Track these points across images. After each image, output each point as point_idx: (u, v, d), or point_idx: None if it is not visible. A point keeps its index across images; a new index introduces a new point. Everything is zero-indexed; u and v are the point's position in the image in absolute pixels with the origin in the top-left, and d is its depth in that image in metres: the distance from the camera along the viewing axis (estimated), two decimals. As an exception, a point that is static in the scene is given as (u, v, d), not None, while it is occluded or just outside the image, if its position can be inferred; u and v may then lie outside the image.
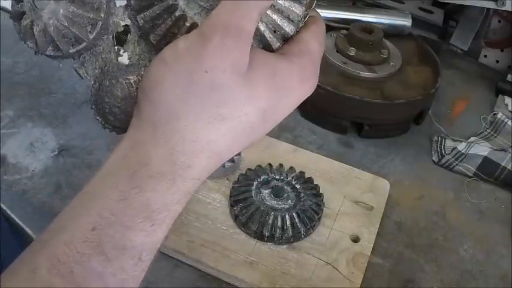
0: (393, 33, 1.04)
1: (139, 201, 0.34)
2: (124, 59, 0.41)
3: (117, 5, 0.40)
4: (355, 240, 0.71)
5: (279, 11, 0.38)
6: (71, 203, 0.37)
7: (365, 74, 0.93)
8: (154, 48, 0.40)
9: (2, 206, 0.74)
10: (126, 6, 0.40)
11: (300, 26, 0.40)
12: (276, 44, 0.39)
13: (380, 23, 1.03)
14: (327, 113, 0.91)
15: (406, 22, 1.06)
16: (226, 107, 0.35)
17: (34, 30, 0.39)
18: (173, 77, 0.35)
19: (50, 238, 0.35)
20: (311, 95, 0.40)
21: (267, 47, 0.39)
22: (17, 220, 0.73)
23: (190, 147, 0.35)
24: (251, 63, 0.36)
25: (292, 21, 0.39)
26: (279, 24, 0.39)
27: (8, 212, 0.74)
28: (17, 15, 0.40)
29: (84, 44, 0.40)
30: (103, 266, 0.34)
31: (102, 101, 0.42)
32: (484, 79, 1.11)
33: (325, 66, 0.93)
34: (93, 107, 0.42)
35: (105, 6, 0.40)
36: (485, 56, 1.17)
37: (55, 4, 0.39)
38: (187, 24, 0.38)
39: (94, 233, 0.34)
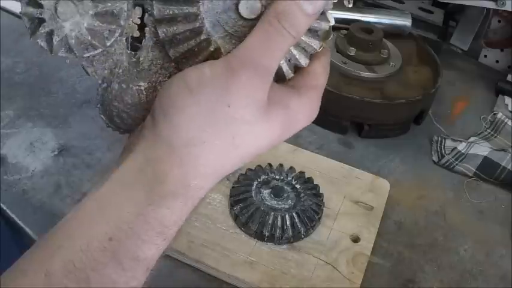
0: (393, 33, 1.04)
1: (155, 218, 0.36)
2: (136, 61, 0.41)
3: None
4: (355, 240, 0.71)
5: (298, 45, 0.39)
6: (84, 206, 0.38)
7: (365, 74, 0.93)
8: (169, 59, 0.40)
9: (2, 206, 0.74)
10: (143, 9, 0.39)
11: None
12: (290, 75, 0.40)
13: (380, 23, 1.03)
14: (327, 113, 0.91)
15: (406, 22, 1.06)
16: (242, 139, 0.37)
17: (53, 40, 0.38)
18: (196, 107, 0.36)
19: (63, 243, 0.36)
20: None
21: (281, 78, 0.40)
22: (17, 220, 0.73)
23: (203, 171, 0.37)
24: (268, 98, 0.37)
25: (307, 53, 0.40)
26: (296, 58, 0.39)
27: (8, 212, 0.74)
28: (34, 21, 0.38)
29: (99, 50, 0.39)
30: (118, 275, 0.36)
31: (109, 103, 0.41)
32: (484, 79, 1.11)
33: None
34: (98, 106, 0.41)
35: (125, 14, 0.39)
36: (485, 56, 1.18)
37: (79, 17, 0.38)
38: (211, 48, 0.39)
39: (111, 243, 0.36)
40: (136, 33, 0.40)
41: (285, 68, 0.40)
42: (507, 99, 1.04)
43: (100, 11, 0.38)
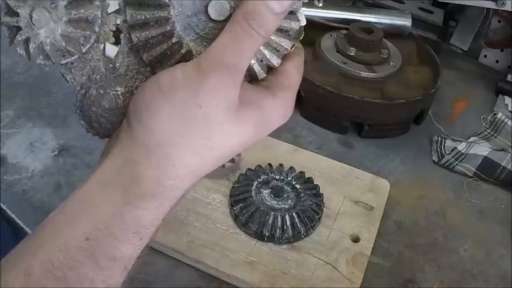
0: (393, 33, 1.04)
1: (132, 218, 0.37)
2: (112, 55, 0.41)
3: (109, 11, 0.40)
4: (355, 240, 0.71)
5: (269, 45, 0.39)
6: (64, 207, 0.39)
7: (365, 74, 0.93)
8: (145, 64, 0.41)
9: (2, 206, 0.74)
10: (118, 14, 0.40)
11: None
12: (262, 75, 0.40)
13: (380, 23, 1.03)
14: (327, 113, 0.91)
15: (406, 22, 1.06)
16: (215, 140, 0.38)
17: (30, 47, 0.39)
18: (169, 109, 0.37)
19: (44, 242, 0.37)
20: (311, 95, 0.42)
21: (253, 78, 0.41)
22: (17, 220, 0.73)
23: (179, 172, 0.38)
24: (240, 98, 0.38)
25: (279, 53, 0.40)
26: (268, 58, 0.40)
27: (8, 212, 0.74)
28: (13, 30, 0.39)
29: (75, 57, 0.40)
30: (95, 273, 0.37)
31: (88, 108, 0.42)
32: (484, 79, 1.11)
33: (325, 66, 0.93)
34: (78, 112, 0.43)
35: (100, 20, 0.39)
36: (485, 56, 1.18)
37: (53, 24, 0.38)
38: (183, 51, 0.39)
39: (88, 243, 0.36)
40: (112, 40, 0.41)
41: (257, 68, 0.40)
42: (507, 99, 1.04)
43: (73, 17, 0.38)
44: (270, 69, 0.41)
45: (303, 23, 0.40)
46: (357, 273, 0.67)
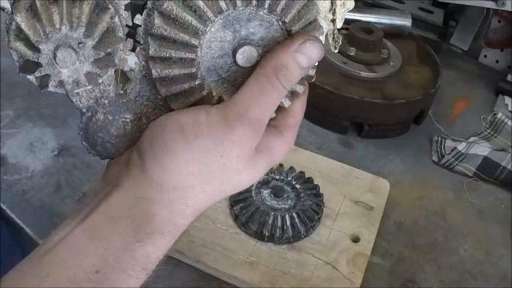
0: (393, 33, 1.04)
1: (141, 254, 0.38)
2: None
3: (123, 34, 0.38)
4: (355, 240, 0.71)
5: None
6: (72, 234, 0.38)
7: (365, 74, 0.93)
8: (156, 91, 0.40)
9: (2, 206, 0.74)
10: (135, 42, 0.39)
11: None
12: (272, 115, 0.40)
13: (380, 23, 1.03)
14: (327, 113, 0.91)
15: (406, 22, 1.06)
16: (229, 184, 0.39)
17: (49, 83, 0.37)
18: (190, 154, 0.37)
19: (51, 272, 0.36)
20: (311, 95, 0.44)
21: None
22: (17, 220, 0.73)
23: (189, 211, 0.39)
24: (256, 145, 0.39)
25: (291, 97, 0.41)
26: (282, 102, 0.40)
27: (8, 212, 0.74)
28: (27, 61, 0.37)
29: (90, 87, 0.39)
30: None
31: (94, 133, 0.41)
32: (484, 79, 1.11)
33: (325, 66, 0.93)
34: (81, 133, 0.41)
35: (121, 52, 0.38)
36: (485, 56, 1.18)
37: (79, 64, 0.36)
38: (204, 93, 0.39)
39: (97, 275, 0.36)
40: (128, 67, 0.39)
41: None
42: (507, 99, 1.04)
43: (99, 57, 0.37)
44: (278, 107, 0.41)
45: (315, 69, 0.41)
46: (357, 273, 0.67)
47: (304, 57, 0.37)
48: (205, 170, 0.38)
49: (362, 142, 0.92)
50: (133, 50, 0.39)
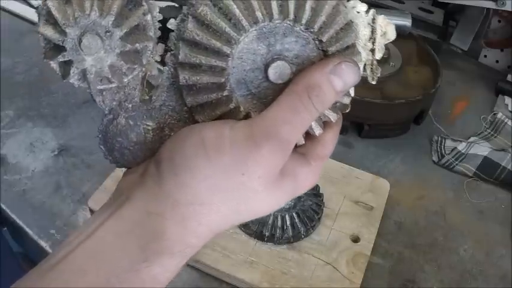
0: (393, 33, 1.03)
1: (148, 275, 0.35)
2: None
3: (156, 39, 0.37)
4: (355, 240, 0.71)
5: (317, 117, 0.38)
6: (75, 253, 0.36)
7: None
8: (182, 102, 0.38)
9: (2, 206, 0.74)
10: (165, 45, 0.38)
11: None
12: (301, 142, 0.39)
13: (380, 23, 1.03)
14: (327, 113, 0.91)
15: (406, 22, 1.06)
16: (247, 205, 0.36)
17: (71, 70, 0.36)
18: (210, 170, 0.35)
19: None
20: None
21: None
22: (17, 220, 0.73)
23: (202, 231, 0.36)
24: (280, 169, 0.37)
25: (323, 124, 0.39)
26: (312, 128, 0.38)
27: (8, 212, 0.74)
28: (52, 45, 0.36)
29: (114, 85, 0.37)
30: None
31: (113, 137, 0.39)
32: (484, 79, 1.11)
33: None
34: (100, 136, 0.39)
35: (149, 52, 0.37)
36: (485, 56, 1.17)
37: (104, 53, 0.35)
38: (231, 106, 0.37)
39: None
40: (156, 72, 0.38)
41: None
42: (507, 99, 1.04)
43: (125, 50, 0.36)
44: (307, 134, 0.39)
45: (352, 95, 0.39)
46: (357, 273, 0.67)
47: (339, 79, 0.36)
48: (224, 188, 0.35)
49: (362, 142, 0.92)
50: (163, 56, 0.38)
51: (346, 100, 0.39)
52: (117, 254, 0.35)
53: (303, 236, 0.70)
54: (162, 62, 0.38)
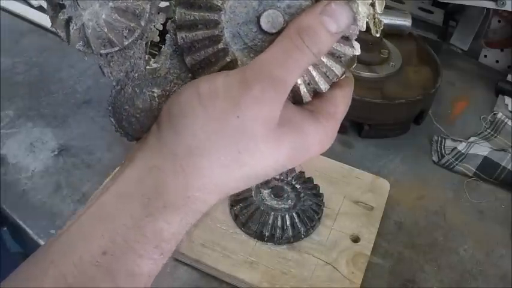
0: (393, 33, 1.04)
1: (152, 231, 0.35)
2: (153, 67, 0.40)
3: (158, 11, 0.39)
4: (355, 240, 0.71)
5: (319, 67, 0.38)
6: (79, 219, 0.36)
7: (365, 74, 0.93)
8: (186, 69, 0.39)
9: (2, 206, 0.74)
10: (167, 14, 0.39)
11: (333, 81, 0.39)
12: (307, 98, 0.39)
13: (380, 23, 1.03)
14: (327, 113, 0.91)
15: (406, 22, 1.06)
16: (248, 156, 0.35)
17: (70, 27, 0.37)
18: (205, 116, 0.35)
19: (57, 257, 0.35)
20: None
21: (298, 100, 0.39)
22: (17, 220, 0.73)
23: (205, 184, 0.35)
24: (281, 117, 0.35)
25: (328, 78, 0.39)
26: (316, 81, 0.38)
27: (8, 212, 0.74)
28: (56, 9, 0.38)
29: (116, 48, 0.39)
30: None
31: (121, 106, 0.41)
32: (484, 79, 1.11)
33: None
34: (109, 108, 0.41)
35: (147, 14, 0.38)
36: (485, 56, 1.17)
37: (99, 7, 0.37)
38: (228, 59, 0.38)
39: (105, 258, 0.34)
40: (157, 39, 0.39)
41: (303, 90, 0.38)
42: (507, 99, 1.04)
43: (120, 5, 0.37)
44: (316, 93, 0.39)
45: (357, 52, 0.38)
46: (357, 273, 0.67)
47: (330, 19, 0.34)
48: (219, 132, 0.34)
49: (362, 142, 0.92)
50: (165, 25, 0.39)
51: (349, 51, 0.38)
52: (120, 214, 0.35)
53: (303, 236, 0.70)
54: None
